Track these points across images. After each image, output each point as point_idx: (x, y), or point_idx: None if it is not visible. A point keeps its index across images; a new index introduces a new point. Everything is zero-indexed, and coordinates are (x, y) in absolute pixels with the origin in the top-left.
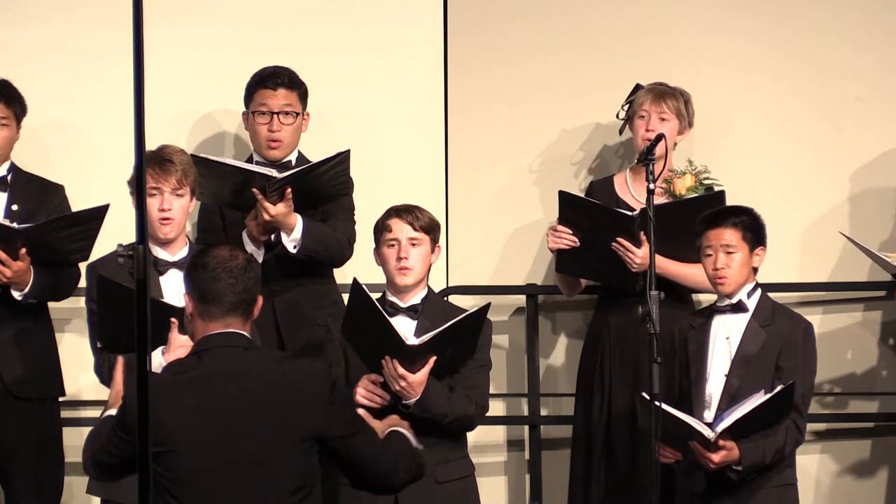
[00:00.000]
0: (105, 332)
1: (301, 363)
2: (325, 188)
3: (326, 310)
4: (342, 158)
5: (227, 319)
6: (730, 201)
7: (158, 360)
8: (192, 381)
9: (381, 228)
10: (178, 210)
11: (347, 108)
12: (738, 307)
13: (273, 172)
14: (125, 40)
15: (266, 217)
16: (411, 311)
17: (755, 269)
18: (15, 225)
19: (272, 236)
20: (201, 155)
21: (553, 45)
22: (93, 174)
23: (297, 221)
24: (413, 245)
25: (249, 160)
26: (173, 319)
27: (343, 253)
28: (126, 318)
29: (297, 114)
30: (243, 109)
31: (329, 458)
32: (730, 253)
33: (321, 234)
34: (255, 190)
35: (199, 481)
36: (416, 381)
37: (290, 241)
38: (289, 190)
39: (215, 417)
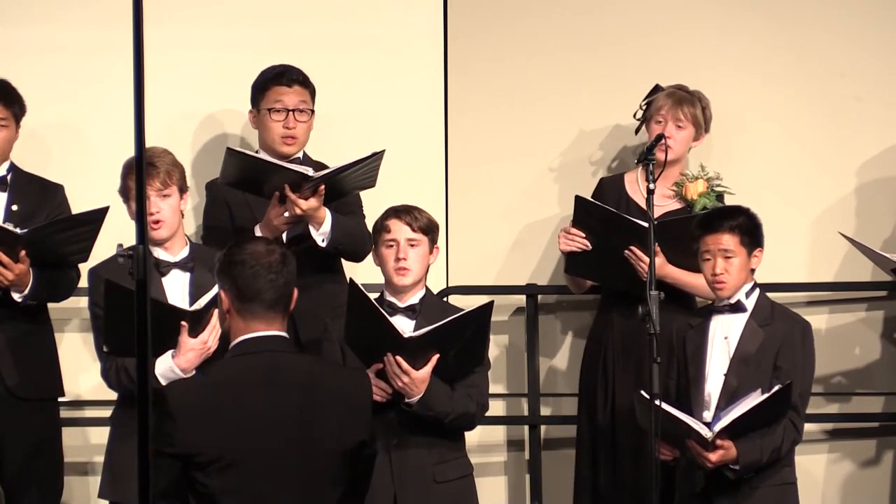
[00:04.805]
0: (112, 336)
1: (350, 373)
2: (350, 183)
3: (339, 310)
4: (376, 157)
5: (269, 317)
6: (730, 200)
7: (168, 363)
8: (243, 388)
9: (379, 229)
10: (167, 211)
11: (347, 108)
12: (737, 307)
13: (308, 171)
14: (125, 40)
15: (298, 211)
16: (409, 311)
17: (753, 270)
18: (16, 229)
19: (284, 235)
20: (237, 149)
21: (553, 45)
22: (93, 174)
23: (326, 215)
24: (411, 246)
25: None
26: (183, 323)
27: (367, 246)
28: (133, 320)
29: (312, 111)
30: (244, 109)
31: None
32: (728, 258)
33: (348, 226)
34: (286, 186)
35: (253, 493)
36: (418, 378)
37: (319, 235)
38: (322, 187)
39: (272, 426)
